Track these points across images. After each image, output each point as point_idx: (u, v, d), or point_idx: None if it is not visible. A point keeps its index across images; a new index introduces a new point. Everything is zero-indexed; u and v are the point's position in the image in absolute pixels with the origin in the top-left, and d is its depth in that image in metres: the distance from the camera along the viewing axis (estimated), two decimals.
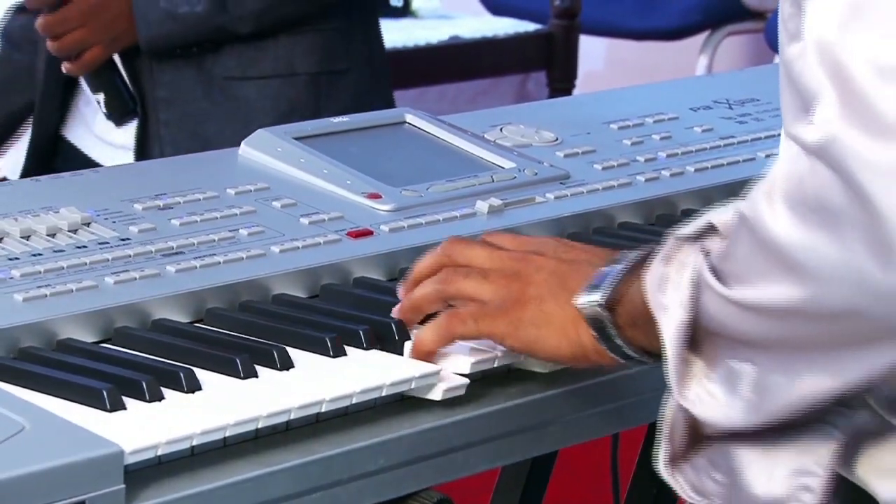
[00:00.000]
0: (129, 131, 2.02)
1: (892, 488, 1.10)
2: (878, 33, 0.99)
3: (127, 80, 1.99)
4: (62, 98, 2.05)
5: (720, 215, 1.11)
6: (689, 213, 1.56)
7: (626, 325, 1.15)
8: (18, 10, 2.11)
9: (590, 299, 1.16)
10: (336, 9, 2.01)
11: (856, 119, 0.99)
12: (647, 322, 1.13)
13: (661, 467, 1.13)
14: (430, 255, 1.26)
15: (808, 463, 1.10)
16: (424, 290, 1.24)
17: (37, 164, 2.09)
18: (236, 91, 1.95)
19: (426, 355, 1.22)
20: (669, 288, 1.10)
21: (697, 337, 1.10)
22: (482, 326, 1.20)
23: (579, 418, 1.27)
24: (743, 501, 1.11)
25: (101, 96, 1.97)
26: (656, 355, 1.13)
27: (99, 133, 2.04)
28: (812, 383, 1.05)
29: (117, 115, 1.97)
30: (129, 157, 2.01)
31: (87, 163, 2.05)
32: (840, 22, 1.00)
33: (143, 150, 1.96)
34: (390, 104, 2.11)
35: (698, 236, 1.11)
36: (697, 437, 1.13)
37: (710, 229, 1.11)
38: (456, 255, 1.25)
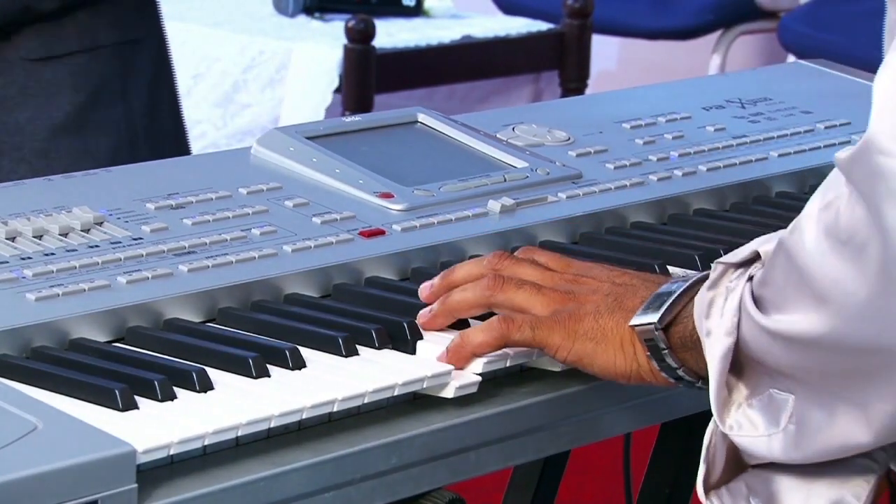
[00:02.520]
0: None
1: None
2: None
3: None
4: None
5: (766, 244, 1.11)
6: (701, 213, 1.56)
7: (679, 347, 1.15)
8: None
9: (645, 320, 1.16)
10: None
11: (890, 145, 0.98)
12: (696, 345, 1.13)
13: (699, 489, 1.13)
14: (472, 264, 1.25)
15: (846, 494, 1.10)
16: (466, 295, 1.22)
17: None
18: (42, 73, 1.86)
19: (469, 356, 1.20)
20: (714, 313, 1.11)
21: (742, 362, 1.11)
22: (538, 335, 1.19)
23: (591, 418, 1.27)
24: None
25: None
26: (706, 378, 1.13)
27: None
28: (846, 429, 1.05)
29: None
30: None
31: None
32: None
33: None
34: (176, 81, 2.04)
35: (744, 263, 1.11)
36: (738, 464, 1.13)
37: (756, 257, 1.11)
38: (503, 269, 1.23)
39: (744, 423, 1.10)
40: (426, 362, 1.22)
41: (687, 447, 1.74)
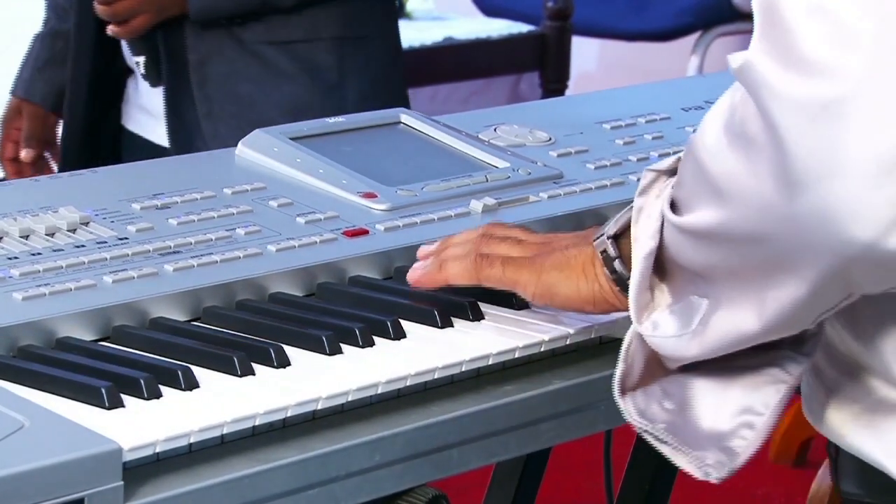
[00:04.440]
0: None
1: None
2: None
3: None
4: (114, 88, 2.15)
5: None
6: None
7: (629, 258, 1.18)
8: None
9: (599, 234, 1.21)
10: None
11: (774, 49, 1.02)
12: None
13: (615, 390, 1.17)
14: (468, 230, 1.31)
15: (756, 402, 1.13)
16: (455, 250, 1.28)
17: (75, 151, 2.15)
18: (265, 54, 2.03)
19: (442, 282, 1.27)
20: (642, 219, 1.15)
21: (667, 268, 1.15)
22: (507, 272, 1.25)
23: (573, 415, 1.28)
24: (687, 431, 1.15)
25: (140, 59, 2.07)
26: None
27: (152, 110, 2.12)
28: (739, 320, 1.09)
29: (154, 77, 2.07)
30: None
31: (150, 148, 2.13)
32: None
33: (176, 110, 2.05)
34: (404, 83, 2.17)
35: (672, 171, 1.16)
36: (655, 368, 1.17)
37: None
38: (494, 231, 1.30)
39: (661, 324, 1.14)
40: (409, 360, 1.23)
41: None
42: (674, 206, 1.13)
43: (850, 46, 0.99)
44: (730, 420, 1.13)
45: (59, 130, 2.24)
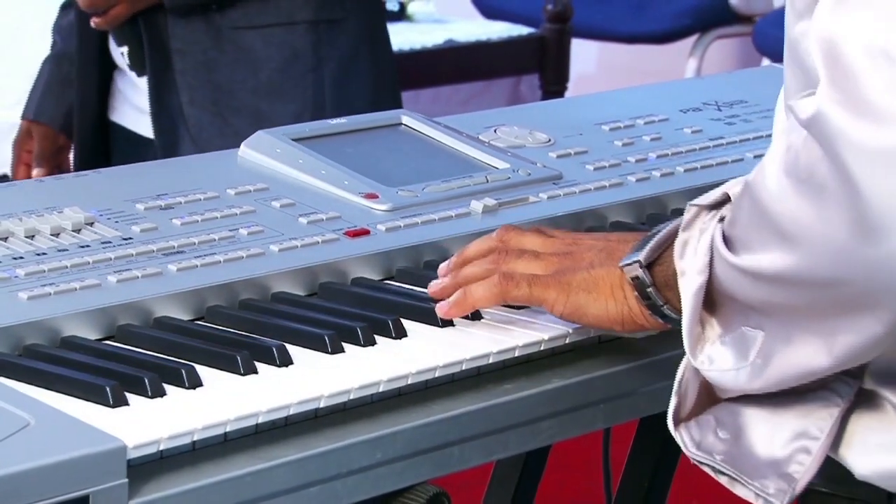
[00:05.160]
0: None
1: (872, 464, 1.14)
2: (874, 15, 1.02)
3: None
4: (102, 81, 2.17)
5: (735, 186, 1.15)
6: (678, 213, 1.58)
7: (662, 285, 1.19)
8: (66, 6, 2.25)
9: (631, 260, 1.21)
10: None
11: (844, 99, 1.02)
12: (678, 285, 1.17)
13: (669, 422, 1.17)
14: (483, 240, 1.31)
15: (810, 426, 1.14)
16: (474, 269, 1.28)
17: (88, 149, 2.19)
18: (242, 40, 2.06)
19: (469, 309, 1.26)
20: (688, 253, 1.16)
21: (716, 301, 1.15)
22: (535, 291, 1.25)
23: (572, 413, 1.29)
24: (744, 460, 1.15)
25: (124, 49, 2.10)
26: None
27: (140, 105, 2.15)
28: (807, 355, 1.09)
29: (139, 66, 2.10)
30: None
31: (136, 140, 2.14)
32: (837, 1, 1.03)
33: (160, 98, 2.07)
34: (389, 61, 2.18)
35: (715, 205, 1.16)
36: (708, 398, 1.17)
37: (727, 199, 1.16)
38: (509, 241, 1.29)
39: (715, 358, 1.14)
40: (410, 359, 1.23)
41: (666, 442, 1.76)
42: (727, 244, 1.13)
43: None
44: (785, 446, 1.14)
45: (70, 151, 2.26)
